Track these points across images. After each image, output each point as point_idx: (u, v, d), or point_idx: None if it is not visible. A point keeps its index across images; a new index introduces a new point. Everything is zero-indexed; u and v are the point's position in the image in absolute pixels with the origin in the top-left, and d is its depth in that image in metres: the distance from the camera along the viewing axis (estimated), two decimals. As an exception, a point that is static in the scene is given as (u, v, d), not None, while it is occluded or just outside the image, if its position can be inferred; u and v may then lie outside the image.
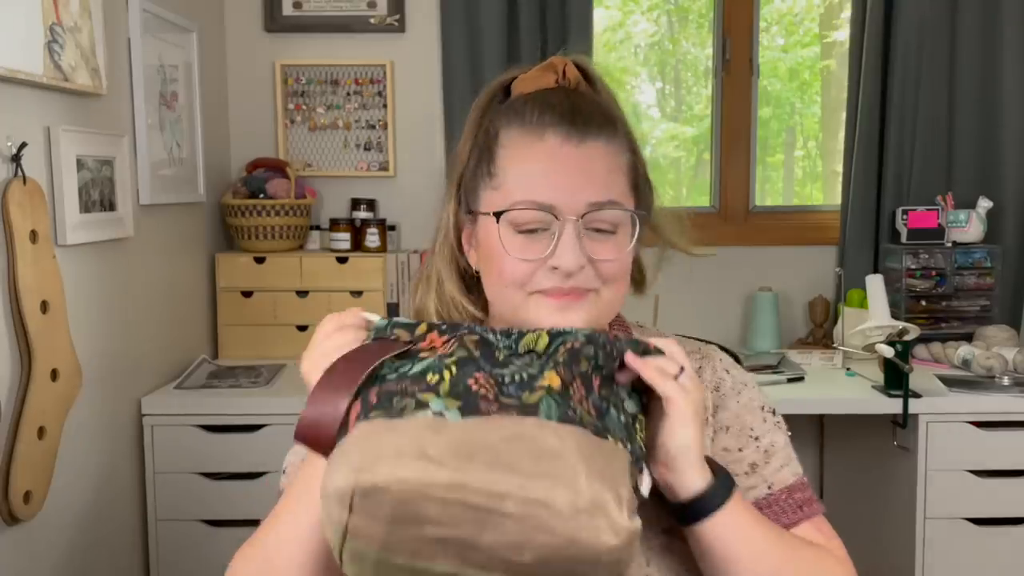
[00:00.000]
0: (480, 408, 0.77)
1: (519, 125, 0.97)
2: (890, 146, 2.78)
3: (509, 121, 0.98)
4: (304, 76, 2.86)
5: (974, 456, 2.26)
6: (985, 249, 2.72)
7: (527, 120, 0.96)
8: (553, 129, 0.94)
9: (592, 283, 0.95)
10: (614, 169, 0.97)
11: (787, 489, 1.02)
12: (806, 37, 3.17)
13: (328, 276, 2.65)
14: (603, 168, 0.95)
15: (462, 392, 0.78)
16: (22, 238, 1.65)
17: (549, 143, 0.94)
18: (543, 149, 0.94)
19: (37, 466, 1.71)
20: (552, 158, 0.94)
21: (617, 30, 3.16)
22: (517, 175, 0.95)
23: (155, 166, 2.29)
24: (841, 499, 2.84)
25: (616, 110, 1.01)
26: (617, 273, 0.97)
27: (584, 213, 0.93)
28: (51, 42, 1.75)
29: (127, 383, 2.17)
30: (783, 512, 1.01)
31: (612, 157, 0.96)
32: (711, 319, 2.89)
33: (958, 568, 2.28)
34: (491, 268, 0.98)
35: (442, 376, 0.79)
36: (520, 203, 0.94)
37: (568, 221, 0.93)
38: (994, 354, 2.43)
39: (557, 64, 1.00)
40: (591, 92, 1.01)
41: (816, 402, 2.35)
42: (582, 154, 0.94)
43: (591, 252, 0.94)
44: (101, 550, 2.03)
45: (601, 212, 0.94)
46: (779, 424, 1.07)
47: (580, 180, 0.94)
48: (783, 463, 1.04)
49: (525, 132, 0.96)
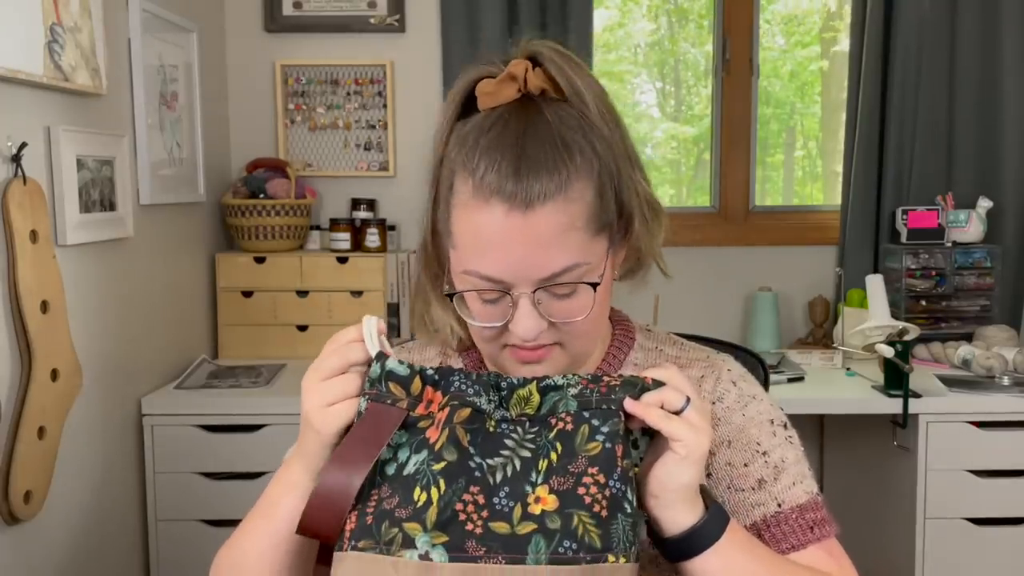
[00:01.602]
0: (467, 549, 0.78)
1: (471, 181, 0.89)
2: (890, 146, 2.78)
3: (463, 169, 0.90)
4: (304, 76, 2.86)
5: (974, 456, 2.26)
6: (985, 249, 2.72)
7: (476, 176, 0.88)
8: (499, 195, 0.87)
9: (559, 338, 0.94)
10: (568, 228, 0.88)
11: (798, 508, 0.98)
12: (806, 37, 3.17)
13: (328, 276, 2.65)
14: (554, 233, 0.88)
15: (449, 522, 0.79)
16: (22, 238, 1.65)
17: (494, 212, 0.87)
18: (488, 219, 0.87)
19: (37, 466, 1.71)
20: (497, 231, 0.87)
21: (617, 30, 3.16)
22: (467, 244, 0.90)
23: (155, 166, 2.29)
24: (841, 499, 2.84)
25: (578, 131, 0.91)
26: (582, 328, 0.94)
27: (536, 288, 0.90)
28: (51, 42, 1.75)
29: (127, 383, 2.17)
30: (792, 532, 0.97)
31: (564, 214, 0.88)
32: (711, 319, 2.89)
33: (958, 568, 2.28)
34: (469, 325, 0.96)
35: (430, 497, 0.80)
36: (473, 273, 0.90)
37: (522, 295, 0.90)
38: (994, 354, 2.43)
39: (518, 73, 0.92)
40: (552, 110, 0.91)
41: (816, 402, 2.35)
42: (529, 223, 0.87)
43: (551, 315, 0.91)
44: (101, 550, 2.03)
45: (555, 282, 0.90)
46: (791, 439, 1.02)
47: (529, 254, 0.88)
48: (795, 480, 0.99)
49: (473, 194, 0.89)
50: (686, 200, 3.20)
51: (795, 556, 0.96)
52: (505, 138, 0.89)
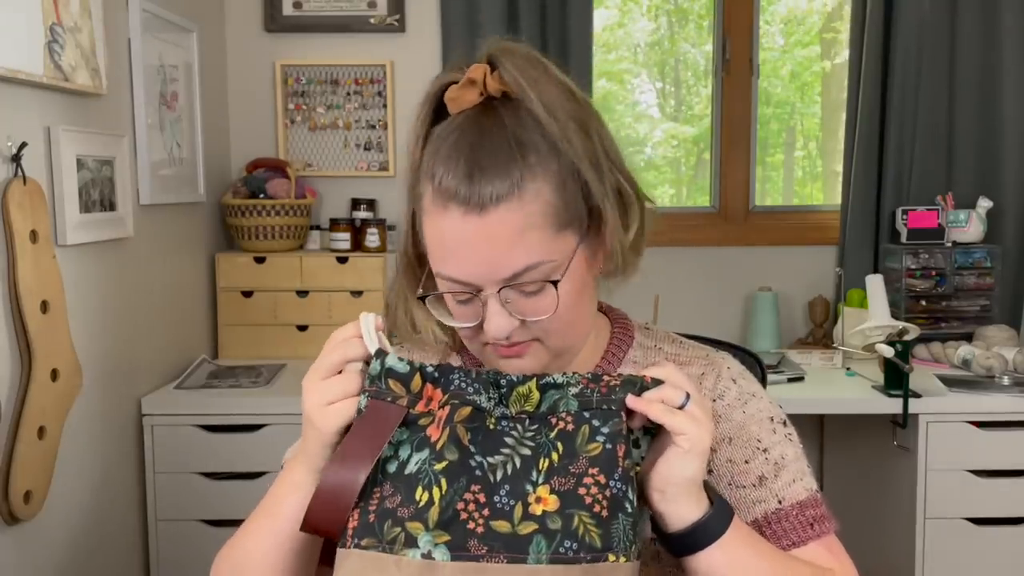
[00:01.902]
0: (469, 548, 0.79)
1: (431, 187, 0.91)
2: (890, 146, 2.78)
3: (425, 176, 0.93)
4: (304, 76, 2.86)
5: (974, 456, 2.26)
6: (985, 249, 2.72)
7: (435, 182, 0.90)
8: (455, 200, 0.88)
9: (534, 335, 0.93)
10: (526, 227, 0.88)
11: (798, 505, 0.98)
12: (806, 37, 3.17)
13: (328, 276, 2.65)
14: (512, 233, 0.88)
15: (451, 521, 0.80)
16: (22, 238, 1.65)
17: (452, 216, 0.89)
18: (448, 224, 0.89)
19: (37, 466, 1.71)
20: (457, 234, 0.89)
21: (617, 30, 3.16)
22: (433, 248, 0.93)
23: (155, 166, 2.29)
24: (841, 499, 2.84)
25: (535, 130, 0.90)
26: (556, 324, 0.93)
27: (501, 287, 0.90)
28: (51, 42, 1.75)
29: (127, 383, 2.17)
30: (792, 529, 0.98)
31: (520, 214, 0.88)
32: (711, 319, 2.89)
33: (958, 568, 2.28)
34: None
35: (431, 496, 0.80)
36: (442, 276, 0.92)
37: (489, 295, 0.90)
38: (994, 354, 2.43)
39: (477, 77, 0.92)
40: (509, 112, 0.91)
41: (816, 402, 2.35)
42: (485, 225, 0.88)
43: (521, 313, 0.91)
44: (101, 550, 2.03)
45: (518, 281, 0.90)
46: (790, 437, 1.03)
47: (489, 255, 0.89)
48: (795, 477, 1.00)
49: (434, 198, 0.91)
50: (686, 200, 3.20)
51: (795, 552, 0.97)
52: (461, 144, 0.90)
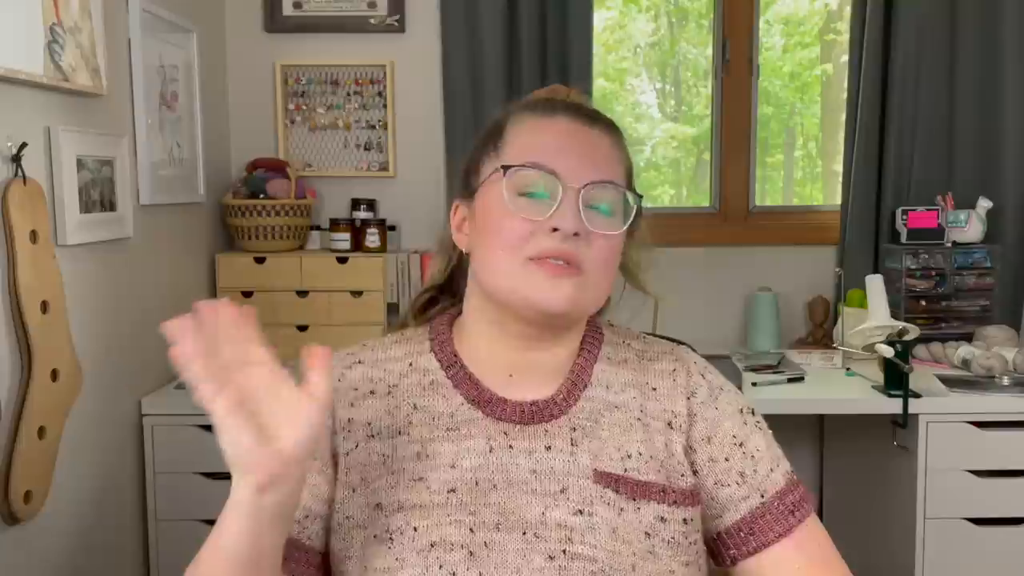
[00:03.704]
0: None
1: (530, 111, 1.01)
2: (890, 146, 2.78)
3: (520, 109, 1.02)
4: (304, 76, 2.86)
5: (974, 456, 2.25)
6: (985, 249, 2.71)
7: (538, 107, 1.01)
8: (564, 113, 0.99)
9: (584, 255, 0.94)
10: (616, 161, 1.00)
11: (779, 494, 1.00)
12: (806, 38, 3.17)
13: (328, 276, 2.65)
14: (608, 153, 0.99)
15: None
16: (22, 238, 1.65)
17: (560, 121, 0.98)
18: (553, 125, 0.98)
19: (37, 466, 1.71)
20: (561, 133, 0.97)
21: (617, 30, 3.16)
22: (524, 144, 0.98)
23: (155, 166, 2.29)
24: (841, 499, 2.85)
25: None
26: (607, 256, 0.96)
27: (587, 184, 0.94)
28: (51, 42, 1.75)
29: (127, 383, 2.17)
30: (776, 521, 0.99)
31: (617, 150, 1.01)
32: (711, 319, 2.89)
33: (958, 568, 2.28)
34: (488, 231, 0.96)
35: None
36: (530, 165, 0.95)
37: (571, 188, 0.94)
38: (994, 354, 2.43)
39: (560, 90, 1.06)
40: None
41: (816, 402, 2.35)
42: (591, 134, 0.98)
43: (589, 222, 0.95)
44: (101, 550, 2.03)
45: (603, 188, 0.96)
46: (759, 425, 1.04)
47: (587, 155, 0.96)
48: (771, 467, 1.02)
49: (536, 114, 1.00)
50: (686, 200, 3.20)
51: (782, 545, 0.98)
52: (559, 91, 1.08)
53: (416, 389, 1.00)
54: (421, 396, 0.99)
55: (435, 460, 0.95)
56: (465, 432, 0.96)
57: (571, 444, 0.96)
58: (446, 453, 0.95)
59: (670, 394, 1.02)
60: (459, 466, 0.94)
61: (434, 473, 0.94)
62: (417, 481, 0.94)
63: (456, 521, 0.91)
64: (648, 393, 1.01)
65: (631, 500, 0.94)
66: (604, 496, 0.93)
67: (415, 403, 0.99)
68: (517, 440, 0.96)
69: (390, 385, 1.01)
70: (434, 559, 0.89)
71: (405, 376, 1.01)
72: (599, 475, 0.94)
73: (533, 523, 0.92)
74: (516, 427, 0.97)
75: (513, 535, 0.91)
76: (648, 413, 1.00)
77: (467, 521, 0.91)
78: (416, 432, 0.97)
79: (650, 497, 0.95)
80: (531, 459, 0.95)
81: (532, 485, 0.94)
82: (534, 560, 0.90)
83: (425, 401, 0.99)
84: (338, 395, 0.99)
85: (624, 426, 0.98)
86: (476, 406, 0.98)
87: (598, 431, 0.97)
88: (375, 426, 0.98)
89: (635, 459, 0.96)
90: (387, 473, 0.95)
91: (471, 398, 0.98)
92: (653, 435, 0.99)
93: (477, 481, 0.94)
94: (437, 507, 0.92)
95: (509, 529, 0.91)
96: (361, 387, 1.01)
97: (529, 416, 0.97)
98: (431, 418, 0.98)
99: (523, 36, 2.76)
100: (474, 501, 0.93)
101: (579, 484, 0.94)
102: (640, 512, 0.93)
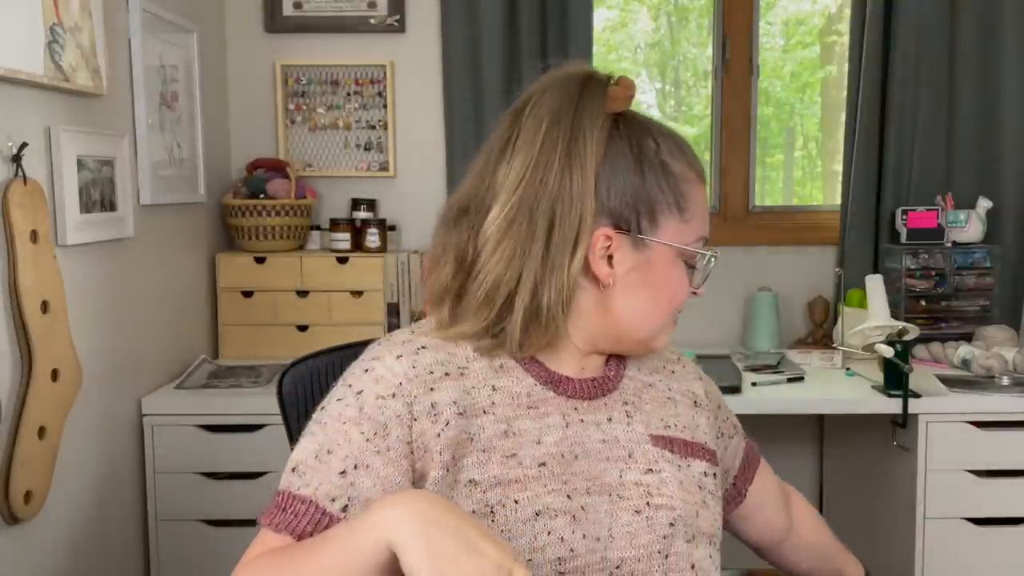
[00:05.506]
0: None
1: (687, 165, 1.06)
2: (890, 146, 2.78)
3: (675, 156, 1.05)
4: (304, 76, 2.86)
5: (973, 456, 2.26)
6: (985, 249, 2.72)
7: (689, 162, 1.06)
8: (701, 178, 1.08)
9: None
10: None
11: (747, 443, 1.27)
12: (807, 38, 3.17)
13: (328, 276, 2.65)
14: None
15: None
16: (22, 238, 1.65)
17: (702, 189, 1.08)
18: (703, 191, 1.08)
19: (37, 466, 1.71)
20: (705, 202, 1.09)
21: (617, 30, 3.16)
22: (700, 214, 1.07)
23: (155, 166, 2.29)
24: (841, 499, 2.85)
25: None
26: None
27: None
28: (52, 42, 1.75)
29: (127, 383, 2.17)
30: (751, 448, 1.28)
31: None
32: (711, 319, 2.89)
33: (958, 568, 2.28)
34: (660, 288, 1.06)
35: None
36: (702, 239, 1.08)
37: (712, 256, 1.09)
38: (994, 354, 2.43)
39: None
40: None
41: (816, 402, 2.35)
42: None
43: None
44: (101, 550, 2.03)
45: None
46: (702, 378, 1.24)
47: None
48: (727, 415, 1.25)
49: (694, 173, 1.07)
50: (686, 200, 3.19)
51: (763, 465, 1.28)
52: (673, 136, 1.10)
53: (488, 372, 1.04)
54: (495, 378, 1.04)
55: (522, 437, 1.02)
56: (543, 410, 1.04)
57: (626, 416, 1.08)
58: (531, 430, 1.02)
59: (686, 376, 1.19)
60: (544, 441, 1.02)
61: (523, 449, 1.01)
62: (510, 457, 1.00)
63: (554, 491, 0.99)
64: (669, 375, 1.17)
65: (684, 458, 1.08)
66: (664, 456, 1.06)
67: (492, 385, 1.04)
68: (586, 414, 1.06)
69: (460, 367, 1.04)
70: (541, 526, 0.96)
71: (474, 360, 1.05)
72: (655, 439, 1.07)
73: (614, 485, 1.02)
74: (584, 403, 1.07)
75: (601, 497, 1.01)
76: (675, 391, 1.15)
77: (563, 489, 0.99)
78: (500, 412, 1.02)
79: (696, 455, 1.09)
80: (599, 430, 1.06)
81: (604, 453, 1.04)
82: (622, 517, 1.01)
83: (500, 383, 1.04)
84: (415, 382, 1.00)
85: (660, 401, 1.12)
86: (548, 386, 1.06)
87: (642, 404, 1.10)
88: (460, 404, 1.00)
89: (674, 428, 1.10)
90: (477, 451, 0.99)
91: (542, 379, 1.06)
92: (682, 409, 1.14)
93: (563, 454, 1.02)
94: (532, 480, 0.99)
95: (598, 492, 1.01)
96: (436, 370, 1.02)
97: (591, 392, 1.08)
98: (510, 398, 1.04)
99: (523, 36, 2.76)
100: (564, 472, 1.01)
101: (641, 448, 1.06)
102: (691, 468, 1.07)
